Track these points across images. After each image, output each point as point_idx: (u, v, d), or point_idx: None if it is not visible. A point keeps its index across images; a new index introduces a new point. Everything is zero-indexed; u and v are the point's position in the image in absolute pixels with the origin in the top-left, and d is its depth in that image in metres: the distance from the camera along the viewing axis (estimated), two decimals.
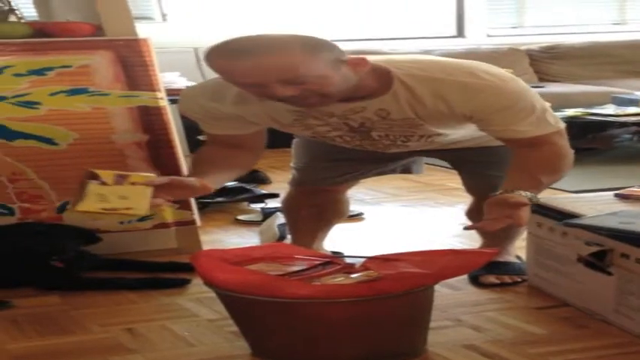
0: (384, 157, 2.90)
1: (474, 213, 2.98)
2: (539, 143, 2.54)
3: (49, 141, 3.14)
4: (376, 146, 2.75)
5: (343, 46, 2.45)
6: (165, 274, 2.95)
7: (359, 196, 4.18)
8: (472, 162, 2.89)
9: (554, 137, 2.57)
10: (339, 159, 2.91)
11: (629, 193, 2.76)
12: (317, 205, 3.01)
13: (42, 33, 3.27)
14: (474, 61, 2.60)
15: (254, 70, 2.33)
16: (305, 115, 2.58)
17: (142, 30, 3.34)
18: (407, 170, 3.11)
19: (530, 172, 2.52)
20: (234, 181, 4.27)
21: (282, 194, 3.18)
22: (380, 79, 2.49)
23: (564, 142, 2.61)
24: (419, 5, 7.32)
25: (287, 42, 2.36)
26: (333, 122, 2.61)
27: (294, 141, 3.04)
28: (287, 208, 3.11)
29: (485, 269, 2.70)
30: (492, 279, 2.80)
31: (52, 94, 3.12)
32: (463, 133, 2.72)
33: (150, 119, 3.22)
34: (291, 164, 3.08)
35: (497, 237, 2.88)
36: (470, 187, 2.98)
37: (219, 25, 6.19)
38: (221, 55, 2.37)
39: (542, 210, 2.70)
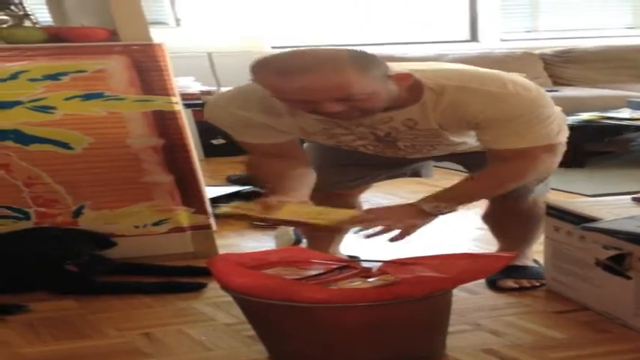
0: (396, 162, 2.89)
1: (489, 217, 2.97)
2: (519, 156, 2.52)
3: (64, 145, 3.14)
4: (398, 154, 2.74)
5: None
6: (182, 279, 2.94)
7: (375, 200, 4.16)
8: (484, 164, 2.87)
9: (539, 150, 2.54)
10: (351, 164, 2.90)
11: None
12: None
13: (57, 38, 3.26)
14: (500, 71, 2.59)
15: (309, 88, 2.31)
16: (332, 124, 2.57)
17: (156, 35, 3.34)
18: (416, 174, 3.11)
19: (481, 189, 2.59)
20: (249, 185, 4.28)
21: None
22: (410, 90, 2.48)
23: (549, 157, 2.58)
24: (432, 9, 7.32)
25: (341, 60, 2.34)
26: (359, 132, 2.61)
27: (305, 146, 3.03)
28: None
29: (503, 273, 2.68)
30: (510, 283, 2.79)
31: (67, 99, 3.12)
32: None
33: (165, 123, 3.21)
34: None
35: (514, 240, 2.87)
36: None
37: (232, 30, 6.20)
38: (274, 72, 2.35)
39: (560, 214, 2.69)
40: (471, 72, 2.59)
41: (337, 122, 2.55)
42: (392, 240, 2.57)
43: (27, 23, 3.37)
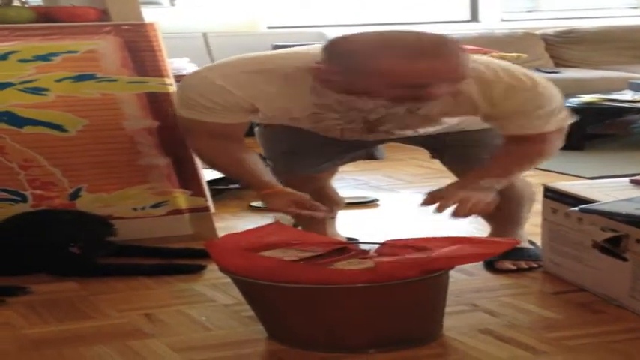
0: (358, 145, 2.89)
1: None
2: (536, 140, 2.58)
3: (58, 127, 3.13)
4: (368, 138, 2.75)
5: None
6: (181, 260, 2.96)
7: (374, 182, 4.18)
8: (453, 146, 2.88)
9: (553, 135, 2.60)
10: (317, 147, 2.87)
11: None
12: (313, 194, 2.99)
13: (47, 18, 3.24)
14: (511, 64, 2.63)
15: (439, 69, 2.33)
16: (327, 108, 2.54)
17: (150, 15, 3.32)
18: (371, 156, 3.10)
19: (507, 167, 2.60)
20: None
21: None
22: None
23: (558, 141, 2.64)
24: None
25: (454, 44, 2.39)
26: (350, 115, 2.57)
27: (259, 131, 2.97)
28: None
29: (501, 255, 2.69)
30: (508, 264, 2.80)
31: (58, 80, 3.10)
32: (456, 122, 2.75)
33: (159, 105, 3.20)
34: (264, 154, 3.00)
35: (504, 222, 2.89)
36: (457, 173, 2.95)
37: (227, 10, 6.17)
38: (402, 55, 2.32)
39: (558, 196, 2.70)
40: (485, 62, 2.58)
41: (333, 107, 2.52)
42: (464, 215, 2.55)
43: (16, 3, 3.34)
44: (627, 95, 5.38)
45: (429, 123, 2.66)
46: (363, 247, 2.44)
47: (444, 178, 4.27)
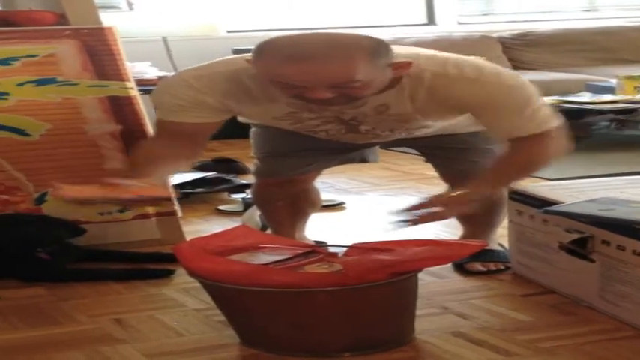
0: (347, 148, 2.89)
1: None
2: (530, 142, 2.55)
3: (21, 132, 3.11)
4: (356, 139, 2.75)
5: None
6: (150, 265, 2.94)
7: (340, 185, 4.19)
8: (444, 149, 2.89)
9: (543, 138, 2.56)
10: (304, 150, 2.87)
11: None
12: (291, 196, 2.99)
13: (5, 22, 3.23)
14: (477, 58, 2.62)
15: (313, 74, 2.30)
16: (302, 108, 2.55)
17: (109, 19, 3.32)
18: (364, 160, 3.10)
19: (504, 173, 2.60)
20: (213, 171, 4.28)
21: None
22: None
23: (552, 143, 2.60)
24: None
25: (353, 47, 2.33)
26: (325, 115, 2.59)
27: (253, 131, 2.99)
28: (261, 201, 3.09)
29: (471, 257, 2.71)
30: (478, 266, 2.82)
31: (19, 85, 3.09)
32: (445, 124, 2.74)
33: (122, 109, 3.19)
34: (254, 154, 3.02)
35: (479, 225, 2.90)
36: (444, 175, 2.98)
37: (187, 15, 6.17)
38: (285, 59, 2.32)
39: (522, 198, 2.71)
40: (449, 58, 2.57)
41: (308, 106, 2.52)
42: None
43: None
44: (585, 97, 5.42)
45: (408, 123, 2.65)
46: (330, 250, 2.44)
47: (410, 180, 4.34)
